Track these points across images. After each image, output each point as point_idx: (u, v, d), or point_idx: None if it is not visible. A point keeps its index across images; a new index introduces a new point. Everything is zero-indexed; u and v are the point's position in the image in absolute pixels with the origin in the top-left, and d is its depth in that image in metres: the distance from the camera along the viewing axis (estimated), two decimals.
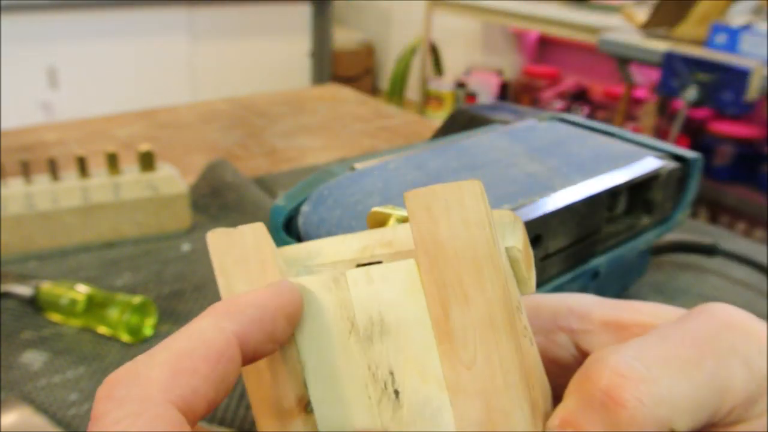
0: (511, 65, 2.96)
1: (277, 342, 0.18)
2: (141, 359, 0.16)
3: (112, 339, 0.44)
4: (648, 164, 0.41)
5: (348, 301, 0.19)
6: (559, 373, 0.22)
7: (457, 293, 0.17)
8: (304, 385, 0.19)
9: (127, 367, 0.16)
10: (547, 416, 0.18)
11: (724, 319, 0.18)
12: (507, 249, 0.19)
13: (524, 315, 0.19)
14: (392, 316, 0.18)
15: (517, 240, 0.19)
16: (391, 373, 0.18)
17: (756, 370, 0.18)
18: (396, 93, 3.19)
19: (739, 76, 1.48)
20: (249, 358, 0.17)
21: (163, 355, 0.16)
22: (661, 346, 0.18)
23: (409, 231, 0.20)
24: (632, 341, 0.18)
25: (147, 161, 0.58)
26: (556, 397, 0.19)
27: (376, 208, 0.23)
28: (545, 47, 2.88)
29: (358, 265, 0.20)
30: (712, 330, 0.18)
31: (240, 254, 0.20)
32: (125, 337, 0.43)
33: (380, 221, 0.23)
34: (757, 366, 0.18)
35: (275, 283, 0.19)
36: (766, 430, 0.18)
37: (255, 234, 0.20)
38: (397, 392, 0.18)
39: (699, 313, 0.19)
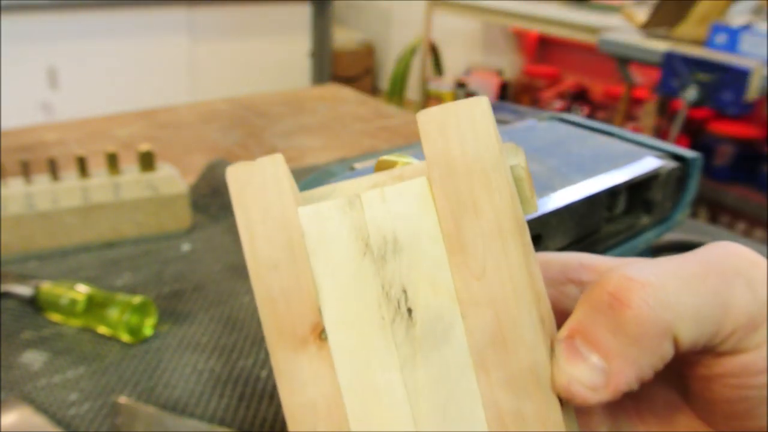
0: (511, 65, 2.96)
1: None
2: None
3: (112, 339, 0.44)
4: (648, 164, 0.41)
5: (362, 222, 0.19)
6: None
7: (467, 204, 0.18)
8: (319, 312, 0.19)
9: None
10: (551, 340, 0.19)
11: (731, 248, 0.19)
12: (512, 167, 0.19)
13: (528, 232, 0.19)
14: (405, 234, 0.19)
15: (521, 160, 0.19)
16: (404, 291, 0.19)
17: (759, 295, 0.18)
18: (396, 93, 3.19)
19: (739, 76, 1.48)
20: None
21: None
22: (670, 263, 0.18)
23: (417, 168, 0.20)
24: (641, 261, 0.19)
25: (147, 161, 0.58)
26: None
27: (384, 156, 0.23)
28: (545, 47, 2.88)
29: None
30: (718, 254, 0.19)
31: (258, 186, 0.20)
32: (125, 337, 0.43)
33: (388, 168, 0.23)
34: (760, 291, 0.18)
35: None
36: (764, 361, 0.18)
37: (274, 165, 0.20)
38: (410, 310, 0.19)
39: (708, 246, 0.19)
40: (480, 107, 0.19)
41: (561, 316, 0.22)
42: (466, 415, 0.18)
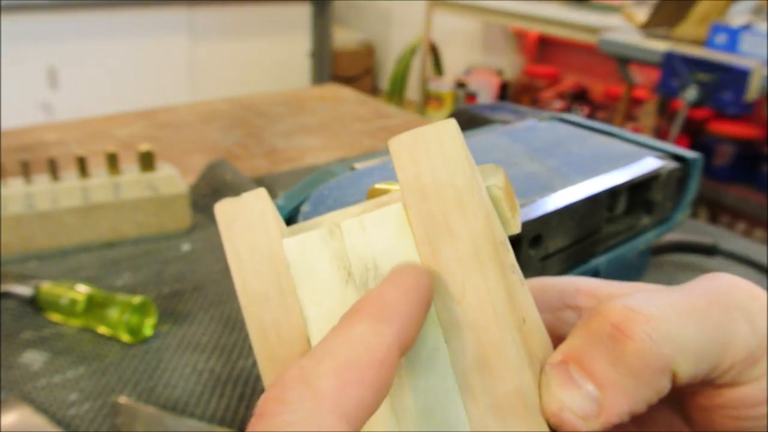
0: (511, 65, 2.96)
1: (419, 330, 0.18)
2: (308, 365, 0.16)
3: (112, 339, 0.44)
4: (648, 164, 0.41)
5: (343, 251, 0.20)
6: None
7: (442, 229, 0.18)
8: (308, 342, 0.20)
9: (296, 371, 0.15)
10: (542, 364, 0.19)
11: (731, 281, 0.19)
12: (488, 188, 0.19)
13: (511, 253, 0.19)
14: (385, 260, 0.19)
15: (498, 180, 0.19)
16: None
17: (758, 328, 0.18)
18: (396, 93, 3.19)
19: (739, 76, 1.48)
20: (400, 356, 0.17)
21: (329, 362, 0.16)
22: (671, 295, 0.18)
23: (397, 195, 0.20)
24: (642, 292, 0.19)
25: (147, 161, 0.58)
26: None
27: (376, 185, 0.23)
28: (545, 47, 2.88)
29: None
30: (719, 287, 0.19)
31: (245, 221, 0.21)
32: (125, 337, 0.43)
33: (379, 196, 0.23)
34: (759, 325, 0.18)
35: (407, 271, 0.18)
36: (764, 393, 0.18)
37: (258, 200, 0.21)
38: None
39: (706, 277, 0.19)
40: (448, 131, 0.19)
41: (558, 341, 0.22)
42: None
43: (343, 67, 3.18)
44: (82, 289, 0.45)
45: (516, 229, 0.20)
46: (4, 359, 0.41)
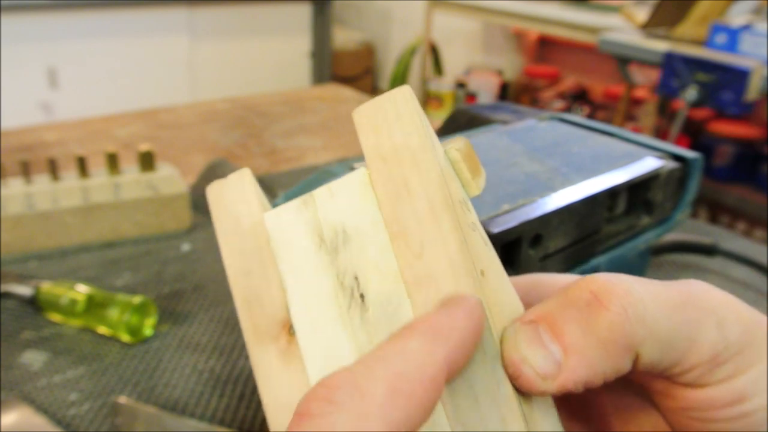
0: (511, 65, 2.96)
1: (469, 358, 0.18)
2: (359, 370, 0.15)
3: (112, 339, 0.44)
4: (648, 164, 0.41)
5: (316, 218, 0.21)
6: None
7: (401, 188, 0.19)
8: (287, 310, 0.21)
9: (346, 375, 0.15)
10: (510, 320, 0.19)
11: (707, 287, 0.19)
12: (446, 151, 0.20)
13: (473, 214, 0.20)
14: (352, 224, 0.20)
15: (456, 144, 0.20)
16: (356, 278, 0.20)
17: (727, 334, 0.18)
18: None
19: (739, 76, 1.48)
20: (447, 380, 0.17)
21: (381, 370, 0.15)
22: (652, 284, 0.19)
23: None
24: (626, 276, 0.19)
25: (147, 161, 0.58)
26: None
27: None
28: (545, 47, 2.88)
29: None
30: (696, 290, 0.19)
31: (229, 201, 0.22)
32: (125, 337, 0.43)
33: None
34: (729, 331, 0.18)
35: (467, 302, 0.18)
36: (729, 395, 0.18)
37: (241, 180, 0.22)
38: (362, 296, 0.20)
39: (685, 281, 0.20)
40: (402, 97, 0.20)
41: None
42: None
43: (343, 67, 3.18)
44: (82, 289, 0.45)
45: (476, 191, 0.20)
46: (4, 359, 0.41)
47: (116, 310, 0.43)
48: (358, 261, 0.20)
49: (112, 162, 0.56)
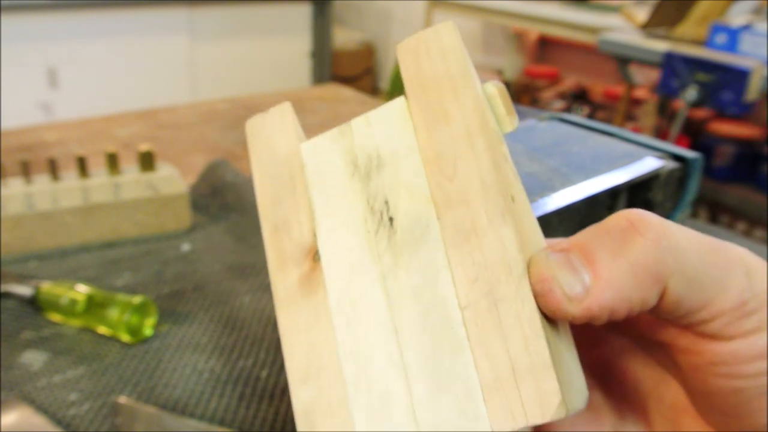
0: (511, 65, 2.96)
1: None
2: None
3: (112, 339, 0.44)
4: (648, 164, 0.41)
5: (351, 146, 0.21)
6: None
7: (438, 114, 0.20)
8: (314, 236, 0.21)
9: None
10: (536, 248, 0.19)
11: (740, 246, 0.20)
12: (483, 85, 0.20)
13: (505, 146, 0.20)
14: (387, 150, 0.21)
15: (495, 83, 0.20)
16: (386, 202, 0.20)
17: (755, 283, 0.18)
18: (396, 93, 3.18)
19: (739, 76, 1.48)
20: None
21: None
22: (684, 227, 0.19)
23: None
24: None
25: (147, 161, 0.58)
26: None
27: None
28: (545, 47, 2.88)
29: None
30: (730, 245, 0.19)
31: (268, 132, 0.23)
32: (125, 337, 0.43)
33: None
34: (757, 282, 0.18)
35: None
36: (756, 349, 0.18)
37: (282, 112, 0.23)
38: (391, 219, 0.20)
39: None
40: (446, 30, 0.20)
41: None
42: (445, 319, 0.18)
43: (343, 67, 3.18)
44: (82, 289, 0.45)
45: (511, 127, 0.20)
46: (4, 359, 0.41)
47: (116, 310, 0.43)
48: (390, 185, 0.20)
49: (112, 162, 0.56)
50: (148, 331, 0.44)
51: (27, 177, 0.55)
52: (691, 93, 1.55)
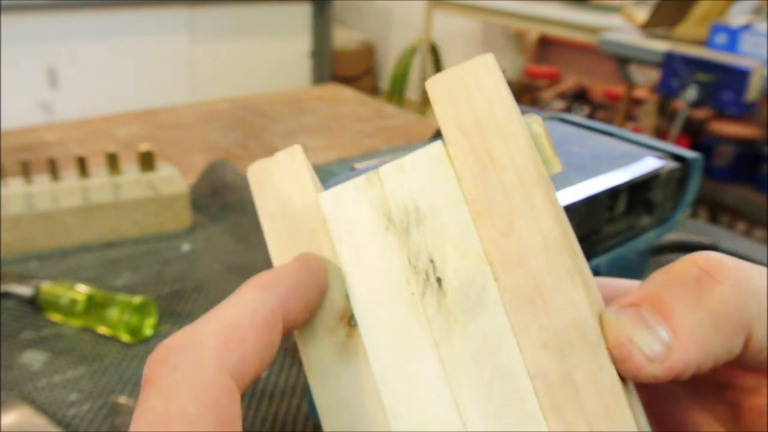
0: (511, 65, 2.96)
1: (310, 311, 0.18)
2: (190, 329, 0.16)
3: (112, 339, 0.44)
4: (648, 164, 0.41)
5: (383, 197, 0.19)
6: None
7: (485, 161, 0.18)
8: (347, 298, 0.19)
9: (179, 335, 0.16)
10: (599, 307, 0.17)
11: None
12: (528, 124, 0.18)
13: (553, 190, 0.18)
14: (426, 202, 0.18)
15: (537, 119, 0.19)
16: (432, 261, 0.18)
17: None
18: (396, 93, 3.19)
19: (739, 76, 1.48)
20: (288, 326, 0.18)
21: (212, 324, 0.16)
22: (755, 265, 0.17)
23: (433, 143, 0.20)
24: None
25: (147, 161, 0.58)
26: None
27: None
28: (545, 47, 2.88)
29: None
30: None
31: (278, 180, 0.20)
32: (125, 337, 0.43)
33: None
34: None
35: (301, 255, 0.19)
36: None
37: (292, 157, 0.20)
38: (439, 280, 0.18)
39: None
40: (485, 65, 0.18)
41: None
42: (512, 388, 0.17)
43: (343, 67, 3.18)
44: (82, 289, 0.45)
45: (558, 169, 0.18)
46: (4, 359, 0.41)
47: (116, 310, 0.43)
48: (435, 242, 0.18)
49: (112, 162, 0.56)
50: (148, 331, 0.44)
51: (27, 177, 0.55)
52: (691, 93, 1.55)
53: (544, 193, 0.17)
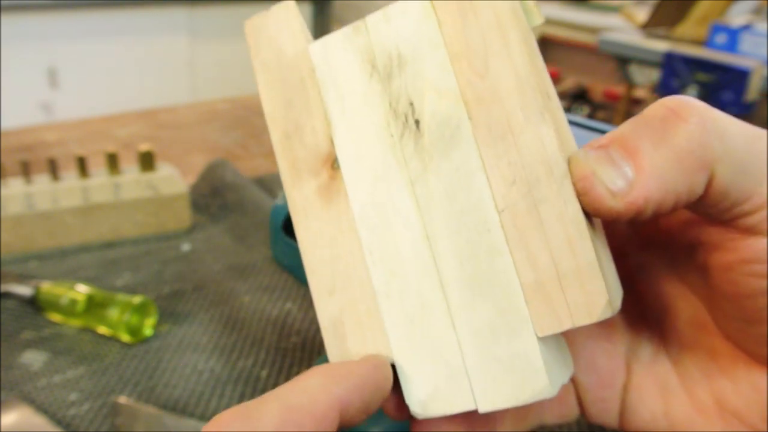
0: None
1: (368, 413, 0.18)
2: (253, 404, 0.16)
3: (112, 339, 0.44)
4: None
5: (368, 45, 0.19)
6: None
7: (464, 6, 0.18)
8: (332, 142, 0.20)
9: (240, 408, 0.16)
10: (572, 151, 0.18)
11: None
12: None
13: (534, 40, 0.19)
14: (409, 47, 0.19)
15: None
16: (411, 104, 0.19)
17: None
18: None
19: (739, 76, 1.48)
20: (344, 423, 0.18)
21: (274, 404, 0.16)
22: (730, 116, 0.17)
23: None
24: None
25: (147, 161, 0.58)
26: None
27: None
28: (545, 47, 2.88)
29: None
30: None
31: (272, 32, 0.21)
32: (125, 337, 0.43)
33: None
34: None
35: (372, 357, 0.19)
36: None
37: (286, 11, 0.21)
38: (417, 122, 0.19)
39: None
40: None
41: None
42: (480, 221, 0.18)
43: None
44: (82, 289, 0.45)
45: (540, 19, 0.19)
46: (4, 359, 0.41)
47: (116, 310, 0.43)
48: (414, 85, 0.19)
49: (112, 162, 0.56)
50: (148, 331, 0.44)
51: (27, 177, 0.55)
52: (691, 93, 1.55)
53: (519, 34, 0.17)
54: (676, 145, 0.16)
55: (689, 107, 0.16)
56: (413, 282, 0.19)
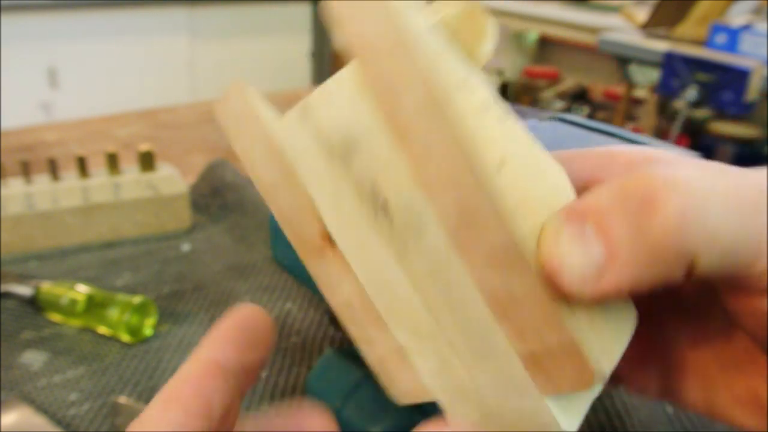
0: (511, 65, 2.96)
1: (263, 350, 0.21)
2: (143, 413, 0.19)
3: (112, 339, 0.44)
4: None
5: (320, 126, 0.19)
6: None
7: (388, 87, 0.16)
8: (320, 218, 0.20)
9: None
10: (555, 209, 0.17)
11: None
12: (440, 21, 0.17)
13: (481, 90, 0.17)
14: (357, 127, 0.18)
15: (451, 8, 0.18)
16: (374, 186, 0.18)
17: None
18: None
19: (739, 76, 1.48)
20: (239, 370, 0.20)
21: (156, 398, 0.19)
22: (724, 176, 0.16)
23: None
24: (693, 166, 0.17)
25: (147, 161, 0.58)
26: None
27: None
28: (545, 47, 2.88)
29: None
30: None
31: (239, 116, 0.20)
32: (125, 337, 0.43)
33: None
34: None
35: (240, 307, 0.21)
36: None
37: (242, 94, 0.20)
38: (385, 203, 0.18)
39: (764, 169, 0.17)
40: None
41: None
42: (468, 297, 0.17)
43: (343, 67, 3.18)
44: (82, 289, 0.45)
45: (484, 59, 0.18)
46: (4, 359, 0.41)
47: (116, 310, 0.43)
48: (371, 168, 0.18)
49: (112, 162, 0.56)
50: (148, 331, 0.44)
51: (27, 177, 0.55)
52: (691, 93, 1.56)
53: (449, 114, 0.15)
54: (652, 237, 0.15)
55: (670, 191, 0.15)
56: (429, 341, 0.19)
